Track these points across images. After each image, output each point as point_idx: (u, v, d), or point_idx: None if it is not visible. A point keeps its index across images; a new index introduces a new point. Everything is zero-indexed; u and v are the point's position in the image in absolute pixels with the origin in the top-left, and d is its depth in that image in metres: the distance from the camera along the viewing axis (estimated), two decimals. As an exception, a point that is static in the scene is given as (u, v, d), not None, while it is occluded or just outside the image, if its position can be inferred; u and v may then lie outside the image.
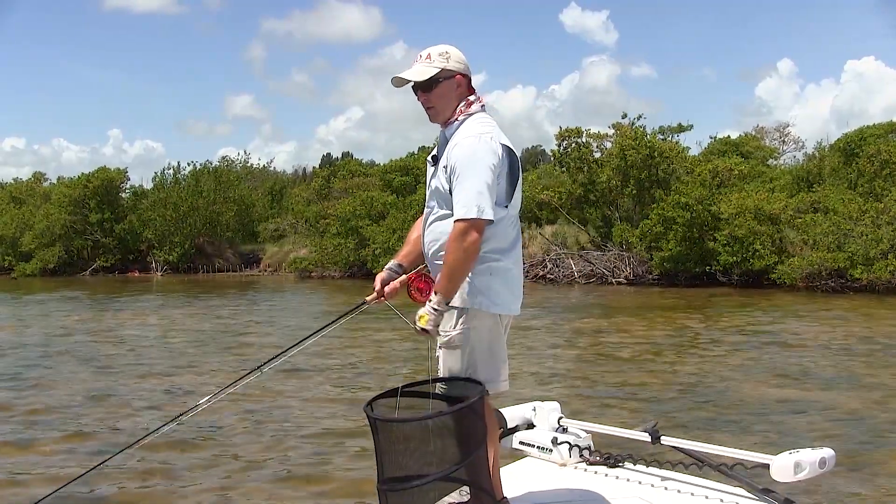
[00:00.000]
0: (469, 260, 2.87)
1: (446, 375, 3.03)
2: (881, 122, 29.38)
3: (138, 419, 8.47)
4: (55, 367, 11.82)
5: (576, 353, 12.49)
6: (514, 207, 3.06)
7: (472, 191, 2.84)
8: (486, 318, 2.99)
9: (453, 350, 2.99)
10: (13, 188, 46.48)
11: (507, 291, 3.03)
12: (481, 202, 2.83)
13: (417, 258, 3.25)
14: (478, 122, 3.02)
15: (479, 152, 2.89)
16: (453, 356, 3.00)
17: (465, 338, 2.97)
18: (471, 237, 2.82)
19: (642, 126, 28.41)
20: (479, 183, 2.85)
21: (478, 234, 2.83)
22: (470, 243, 2.83)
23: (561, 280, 27.32)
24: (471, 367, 2.99)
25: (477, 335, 2.98)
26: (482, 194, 2.83)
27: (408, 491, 2.80)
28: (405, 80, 3.05)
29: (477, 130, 2.96)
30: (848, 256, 21.18)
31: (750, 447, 3.53)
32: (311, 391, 9.87)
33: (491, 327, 3.02)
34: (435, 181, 3.06)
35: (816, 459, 3.04)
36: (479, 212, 2.82)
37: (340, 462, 6.88)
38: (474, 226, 2.82)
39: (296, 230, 37.67)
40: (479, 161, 2.88)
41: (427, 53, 3.06)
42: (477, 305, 2.96)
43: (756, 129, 43.66)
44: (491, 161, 2.89)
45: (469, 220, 2.82)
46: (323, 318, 17.44)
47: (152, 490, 6.29)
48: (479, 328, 2.98)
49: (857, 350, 12.25)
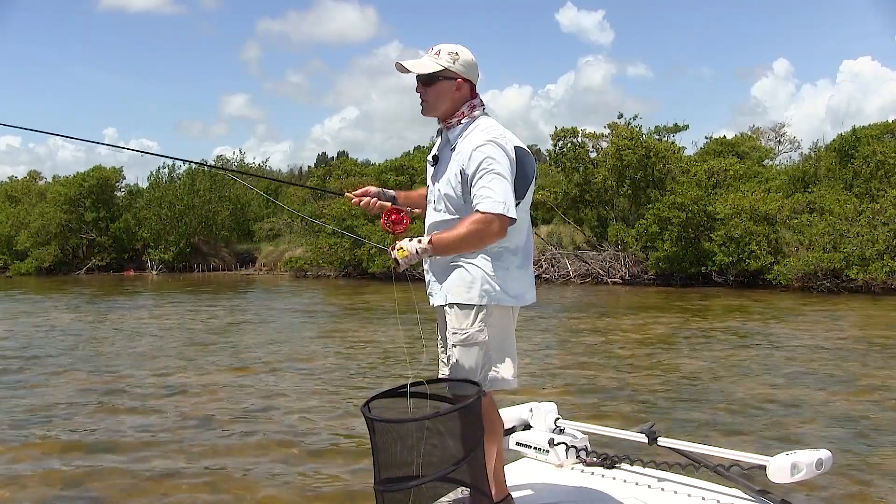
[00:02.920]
0: (477, 245, 2.91)
1: (458, 373, 3.02)
2: (877, 123, 29.40)
3: (135, 417, 8.46)
4: (49, 365, 11.78)
5: (572, 354, 12.49)
6: (526, 203, 3.09)
7: (499, 189, 2.86)
8: (502, 312, 3.04)
9: (470, 347, 3.00)
10: (8, 187, 46.47)
11: (520, 285, 3.08)
12: (508, 201, 2.86)
13: (410, 205, 3.39)
14: (490, 127, 3.04)
15: (501, 156, 2.93)
16: (470, 353, 3.00)
17: (483, 334, 3.00)
18: (493, 229, 2.84)
19: (638, 126, 28.48)
20: (505, 183, 2.89)
21: (500, 229, 2.86)
22: (490, 233, 2.85)
23: (556, 280, 27.35)
24: (486, 362, 3.02)
25: (493, 331, 3.02)
26: (508, 195, 2.87)
27: (405, 491, 2.79)
28: (406, 70, 3.08)
29: (493, 135, 2.99)
30: (843, 257, 21.22)
31: (746, 448, 3.53)
32: (309, 391, 9.85)
33: (505, 322, 3.08)
34: (444, 186, 3.06)
35: (813, 461, 3.04)
36: (505, 209, 2.84)
37: (337, 462, 6.86)
38: (501, 221, 2.84)
39: (291, 229, 37.65)
40: (502, 164, 2.91)
41: (438, 49, 3.09)
42: (495, 301, 3.00)
43: (752, 130, 43.84)
44: (508, 164, 2.94)
45: (497, 215, 2.83)
46: (322, 317, 17.45)
47: (152, 489, 6.27)
48: (494, 324, 3.02)
49: (853, 351, 12.26)
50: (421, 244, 2.87)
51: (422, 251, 2.87)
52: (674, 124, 32.86)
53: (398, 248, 2.89)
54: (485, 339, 2.99)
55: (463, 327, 2.99)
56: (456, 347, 3.01)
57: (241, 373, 11.08)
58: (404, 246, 2.88)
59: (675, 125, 32.81)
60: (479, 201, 2.86)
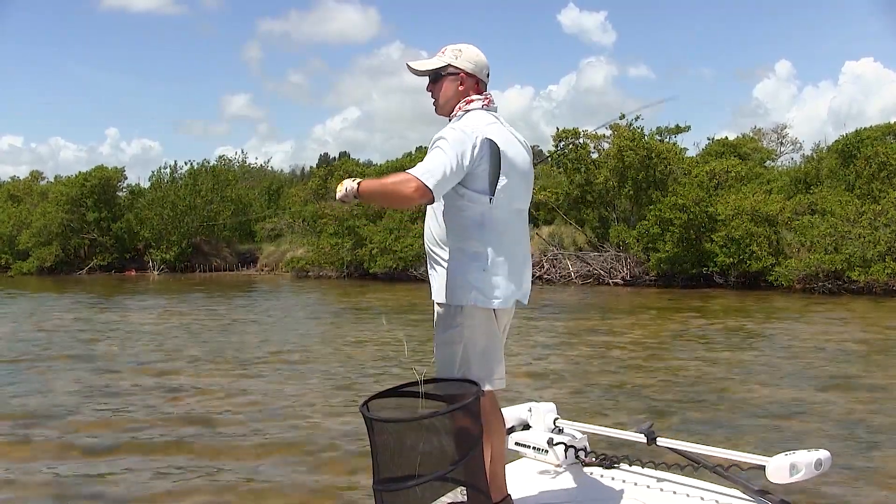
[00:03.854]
0: (392, 199, 2.89)
1: (438, 371, 3.02)
2: (879, 124, 29.38)
3: (135, 417, 8.47)
4: (49, 364, 11.79)
5: (572, 354, 12.49)
6: (508, 201, 3.00)
7: (431, 159, 2.83)
8: (481, 313, 2.97)
9: (447, 347, 2.98)
10: (10, 186, 46.47)
11: (501, 287, 2.98)
12: (435, 171, 2.78)
13: None
14: (471, 118, 3.00)
15: (450, 135, 2.88)
16: (447, 353, 2.99)
17: (460, 335, 2.96)
18: (407, 189, 2.76)
19: (640, 127, 28.46)
20: (439, 158, 2.82)
21: (415, 193, 2.76)
22: (405, 193, 2.77)
23: (557, 280, 27.34)
24: (464, 364, 2.97)
25: (471, 332, 2.96)
26: (436, 169, 2.79)
27: (403, 491, 2.79)
28: (412, 69, 3.11)
29: (462, 124, 2.95)
30: (845, 258, 21.20)
31: (746, 448, 3.53)
32: (307, 390, 9.86)
33: (486, 323, 2.99)
34: None
35: (812, 461, 3.03)
36: (427, 177, 2.76)
37: (336, 462, 6.87)
38: (416, 186, 2.75)
39: (292, 230, 37.65)
40: (449, 141, 2.85)
41: (444, 49, 3.11)
42: (472, 301, 2.94)
43: (754, 131, 43.77)
44: (460, 146, 2.85)
45: (416, 177, 2.76)
46: (323, 317, 17.46)
47: (153, 489, 6.28)
48: (473, 325, 2.96)
49: (853, 352, 12.26)
50: (355, 187, 2.86)
51: (350, 189, 2.86)
52: (675, 125, 32.81)
53: (341, 183, 2.92)
54: (462, 339, 2.96)
55: (441, 325, 2.99)
56: (436, 345, 3.02)
57: (241, 372, 11.09)
58: (344, 182, 2.90)
59: (676, 126, 32.73)
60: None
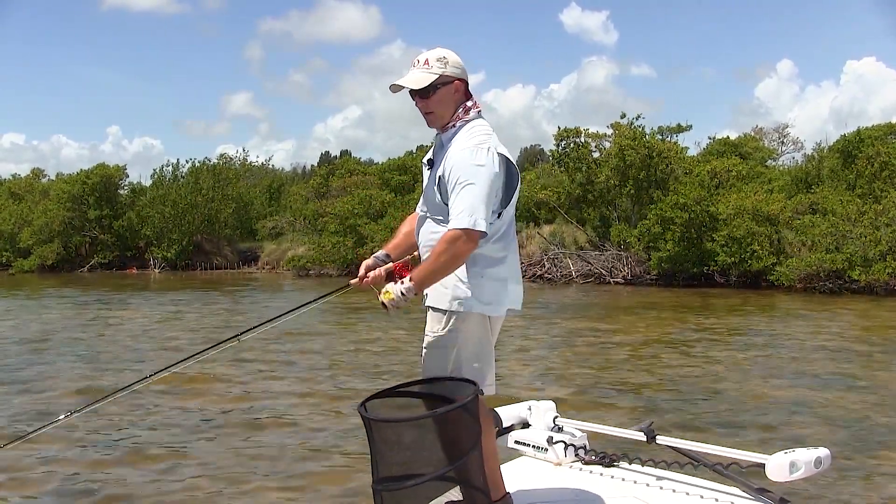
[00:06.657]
0: (454, 266, 2.86)
1: (427, 375, 3.01)
2: (880, 124, 29.38)
3: (135, 417, 8.47)
4: (48, 362, 11.80)
5: (572, 353, 12.49)
6: (508, 213, 3.04)
7: (469, 201, 2.81)
8: (475, 319, 2.98)
9: (439, 351, 2.98)
10: (12, 184, 46.50)
11: (497, 294, 3.00)
12: (477, 214, 2.79)
13: (405, 252, 3.23)
14: (476, 131, 2.98)
15: (478, 163, 2.86)
16: (439, 357, 2.98)
17: (453, 339, 2.96)
18: (463, 246, 2.80)
19: (641, 126, 28.46)
20: (478, 193, 2.81)
21: (471, 244, 2.81)
22: (461, 252, 2.81)
23: (558, 280, 27.32)
24: (455, 369, 2.97)
25: (464, 337, 2.96)
26: (478, 207, 2.80)
27: (402, 491, 2.79)
28: (402, 87, 3.02)
29: (475, 141, 2.92)
30: (846, 258, 21.20)
31: (745, 447, 3.52)
32: (305, 390, 9.86)
33: (479, 329, 3.00)
34: (428, 188, 3.04)
35: (812, 459, 3.03)
36: (473, 223, 2.78)
37: (334, 462, 6.87)
38: (468, 236, 2.79)
39: (294, 228, 37.64)
40: (479, 172, 2.84)
41: (425, 59, 3.01)
42: (467, 308, 2.94)
43: (755, 130, 43.82)
44: (490, 172, 2.86)
45: (463, 230, 2.79)
46: (323, 316, 17.44)
47: (152, 489, 6.29)
48: (467, 331, 2.97)
49: (854, 351, 12.25)
50: (404, 285, 2.86)
51: (406, 290, 2.86)
52: (677, 125, 32.84)
53: (385, 291, 2.89)
54: (455, 344, 2.95)
55: (434, 330, 2.98)
56: (426, 349, 3.01)
57: (242, 372, 11.08)
58: (389, 289, 2.88)
59: (678, 125, 32.78)
60: (451, 217, 2.84)
